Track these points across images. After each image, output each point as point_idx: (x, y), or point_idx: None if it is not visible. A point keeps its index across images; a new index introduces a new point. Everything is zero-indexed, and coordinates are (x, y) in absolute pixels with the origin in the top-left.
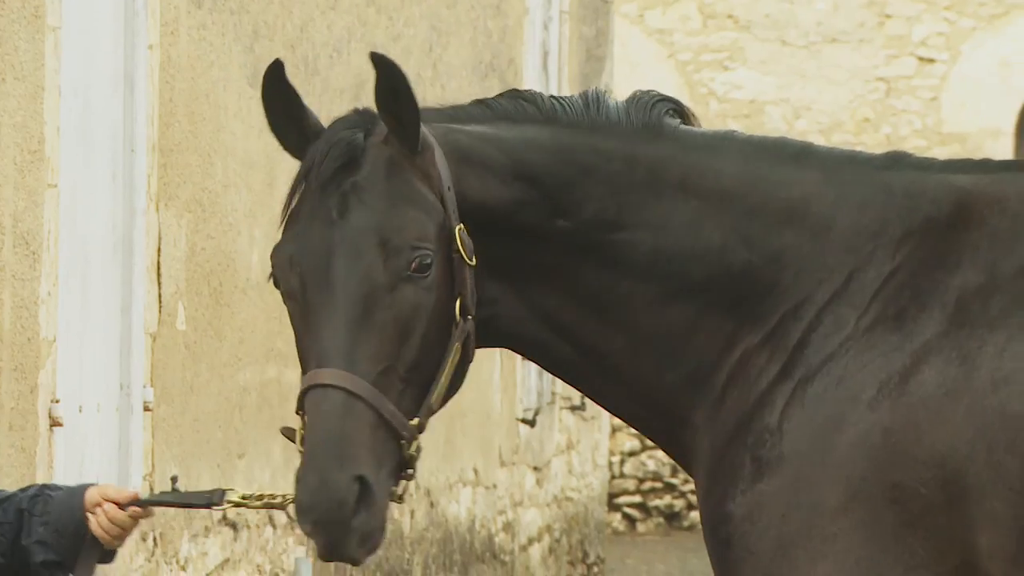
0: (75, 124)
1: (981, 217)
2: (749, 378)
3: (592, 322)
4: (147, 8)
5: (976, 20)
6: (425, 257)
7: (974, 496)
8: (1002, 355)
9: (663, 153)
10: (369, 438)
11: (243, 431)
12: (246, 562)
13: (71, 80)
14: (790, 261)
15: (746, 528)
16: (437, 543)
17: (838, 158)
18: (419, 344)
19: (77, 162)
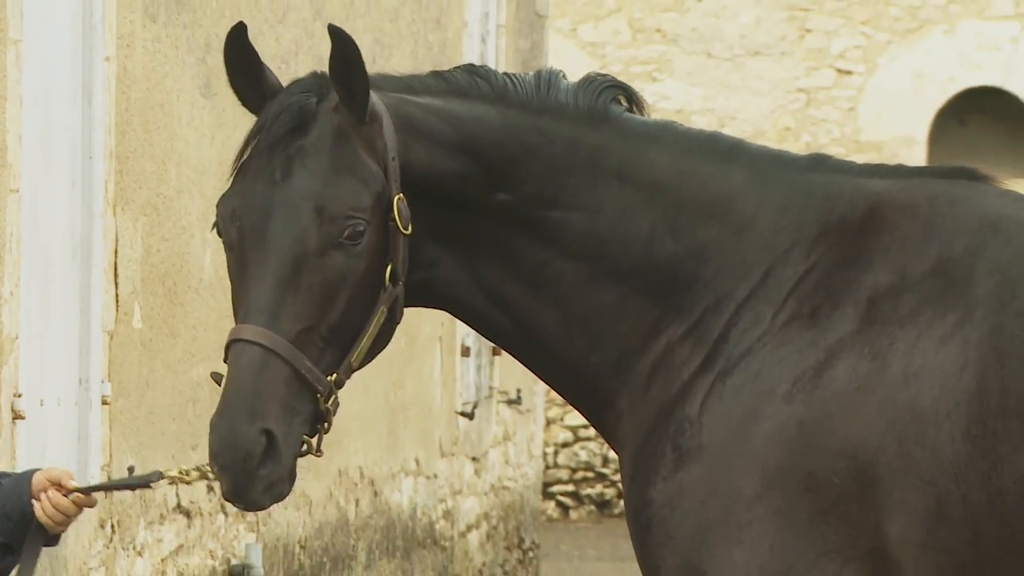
0: (36, 132)
1: (893, 221)
2: (672, 369)
3: (527, 296)
4: (104, 22)
5: (891, 34)
6: (358, 225)
7: (885, 486)
8: (912, 352)
9: (603, 140)
10: (282, 392)
11: (196, 423)
12: (199, 548)
13: (32, 90)
14: (713, 255)
15: (666, 514)
16: (381, 530)
17: (765, 157)
18: (344, 307)
19: (38, 168)
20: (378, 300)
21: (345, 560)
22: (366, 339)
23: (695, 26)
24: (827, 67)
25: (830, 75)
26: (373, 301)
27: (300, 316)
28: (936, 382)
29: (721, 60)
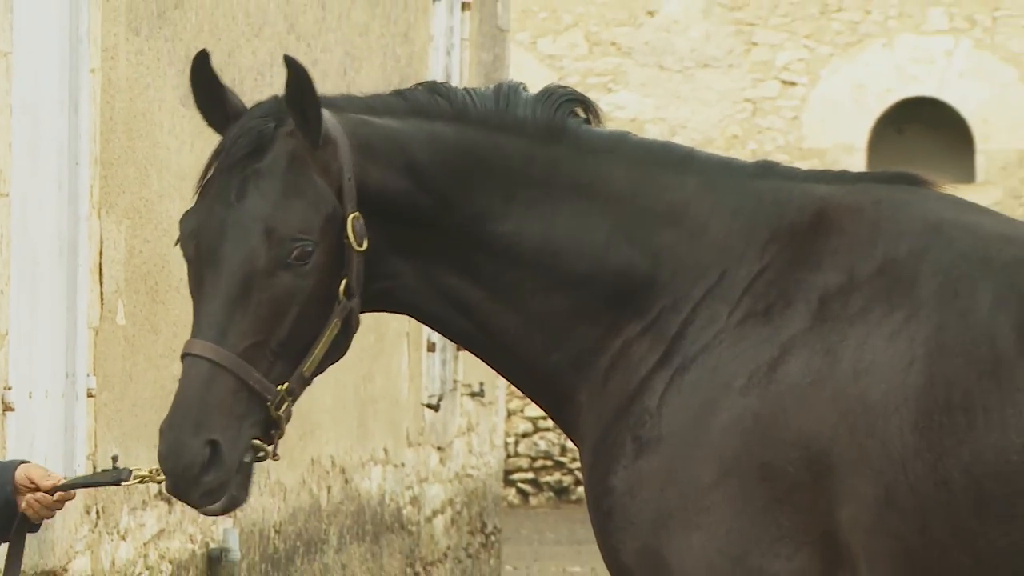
0: (25, 140)
1: (840, 224)
2: (630, 365)
3: (487, 301)
4: (89, 35)
5: (833, 47)
6: (306, 246)
7: (837, 475)
8: (862, 348)
9: (560, 153)
10: (229, 403)
11: None
12: (180, 532)
13: (21, 100)
14: (668, 259)
15: (627, 501)
16: (351, 515)
17: (716, 166)
18: (293, 322)
19: (26, 174)
20: (331, 313)
21: (317, 544)
22: (318, 350)
23: (648, 40)
24: (772, 79)
25: (775, 86)
26: (326, 315)
27: (248, 332)
28: (885, 377)
29: (672, 72)
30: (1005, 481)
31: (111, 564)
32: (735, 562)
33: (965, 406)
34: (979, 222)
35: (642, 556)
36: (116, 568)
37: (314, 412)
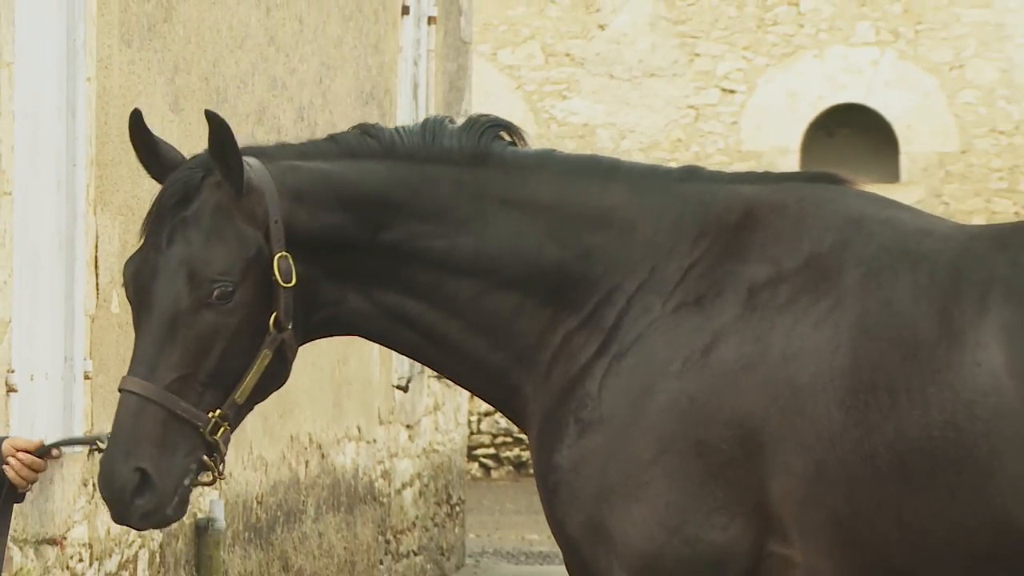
0: (26, 143)
1: (766, 220)
2: (571, 355)
3: (429, 312)
4: (85, 47)
5: (769, 58)
6: (226, 287)
7: (769, 451)
8: (791, 335)
9: (486, 174)
10: (158, 433)
11: None
12: None
13: (22, 107)
14: (600, 258)
15: (571, 477)
16: (327, 487)
17: (641, 172)
18: (219, 355)
19: (28, 174)
20: (261, 345)
21: (296, 514)
22: (249, 379)
23: (599, 51)
24: (713, 87)
25: (716, 94)
26: (255, 347)
27: (176, 365)
28: (813, 361)
29: (622, 81)
30: (928, 455)
31: (106, 532)
32: (673, 532)
33: (889, 386)
34: (898, 217)
35: (586, 528)
36: (111, 536)
37: (293, 392)
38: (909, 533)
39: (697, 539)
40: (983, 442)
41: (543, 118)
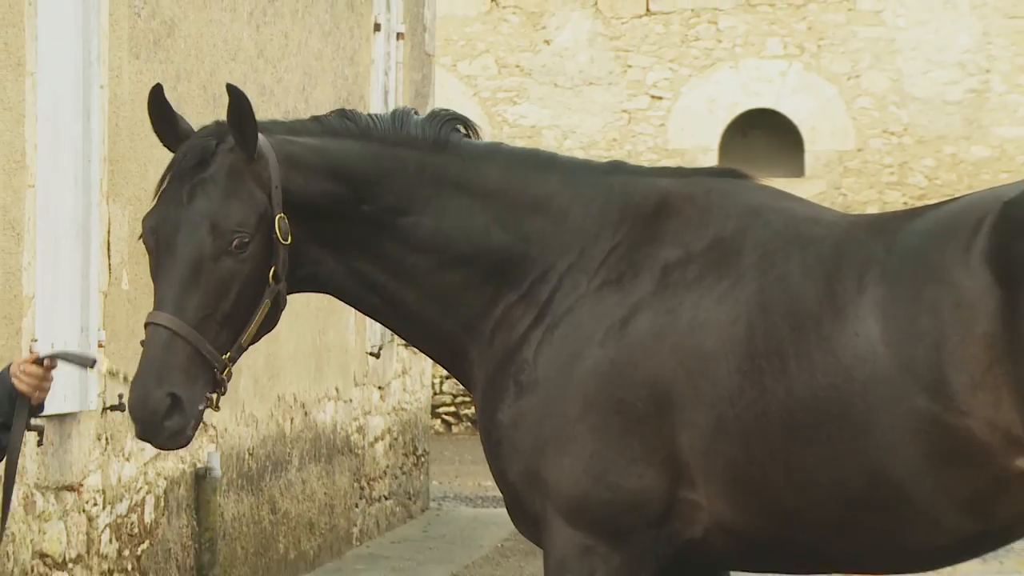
0: (47, 142)
1: (678, 209)
2: (511, 325)
3: (392, 282)
4: (99, 59)
5: (691, 69)
6: (244, 238)
7: (677, 409)
8: (697, 308)
9: (445, 161)
10: (185, 365)
11: None
12: (173, 455)
13: (44, 110)
14: (537, 240)
15: (511, 433)
16: (309, 441)
17: (574, 165)
18: (234, 300)
19: (48, 169)
20: (263, 294)
21: (282, 464)
22: (254, 325)
23: (545, 63)
24: (643, 94)
25: (646, 100)
26: (259, 295)
27: (200, 307)
28: (715, 331)
29: (564, 89)
30: (813, 412)
31: (117, 480)
32: (596, 480)
33: (780, 353)
34: (790, 207)
35: (524, 476)
36: (122, 483)
37: (280, 358)
38: (796, 479)
39: (617, 486)
40: (860, 401)
41: (497, 121)
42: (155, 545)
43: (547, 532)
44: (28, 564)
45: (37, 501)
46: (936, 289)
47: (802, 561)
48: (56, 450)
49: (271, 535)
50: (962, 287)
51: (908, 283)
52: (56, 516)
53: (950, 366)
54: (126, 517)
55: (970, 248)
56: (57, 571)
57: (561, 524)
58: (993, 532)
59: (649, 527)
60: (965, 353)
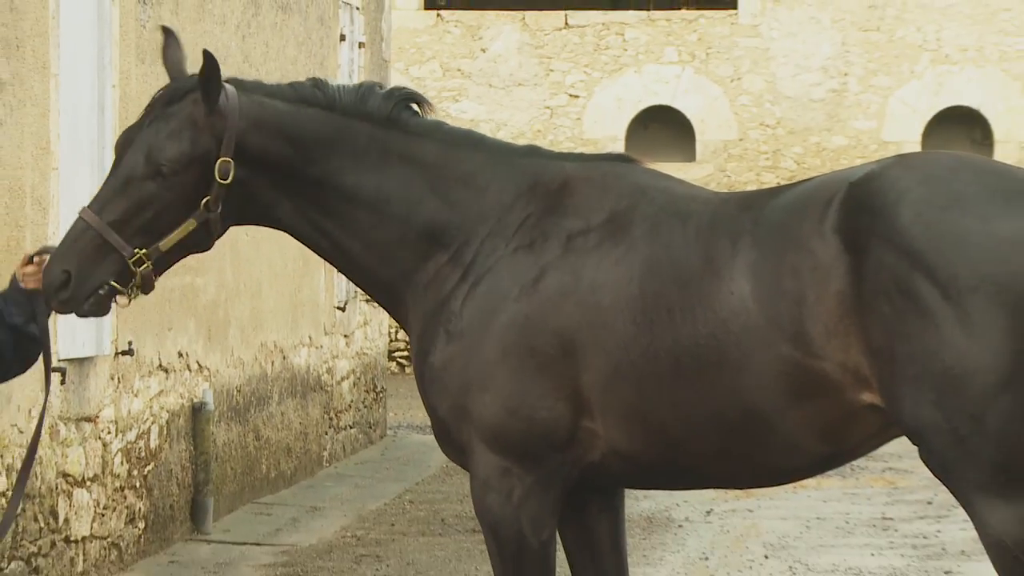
0: (69, 132)
1: (580, 188)
2: (441, 282)
3: (338, 230)
4: (111, 63)
5: (603, 73)
6: (169, 171)
7: (579, 354)
8: (597, 270)
9: (393, 134)
10: (89, 251)
11: (171, 315)
12: (174, 392)
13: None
14: (463, 209)
15: (441, 374)
16: (287, 380)
17: (497, 147)
18: (153, 215)
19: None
20: (189, 216)
21: (265, 399)
22: (174, 235)
23: (482, 67)
24: (563, 93)
25: (565, 98)
26: (184, 216)
27: (119, 211)
28: (612, 289)
29: (498, 88)
30: (695, 357)
31: (127, 413)
32: (513, 413)
33: (668, 308)
34: (671, 186)
35: (453, 411)
36: (131, 415)
37: (262, 312)
38: (680, 413)
39: (530, 417)
40: (734, 349)
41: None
42: (159, 466)
43: (473, 457)
44: (53, 482)
45: (61, 430)
46: (796, 255)
47: (685, 480)
48: (76, 388)
49: (255, 458)
50: (817, 254)
51: (773, 250)
52: (76, 443)
53: (808, 319)
54: (135, 443)
55: (823, 221)
56: (77, 488)
57: (484, 450)
58: (842, 453)
59: (557, 452)
60: (820, 308)
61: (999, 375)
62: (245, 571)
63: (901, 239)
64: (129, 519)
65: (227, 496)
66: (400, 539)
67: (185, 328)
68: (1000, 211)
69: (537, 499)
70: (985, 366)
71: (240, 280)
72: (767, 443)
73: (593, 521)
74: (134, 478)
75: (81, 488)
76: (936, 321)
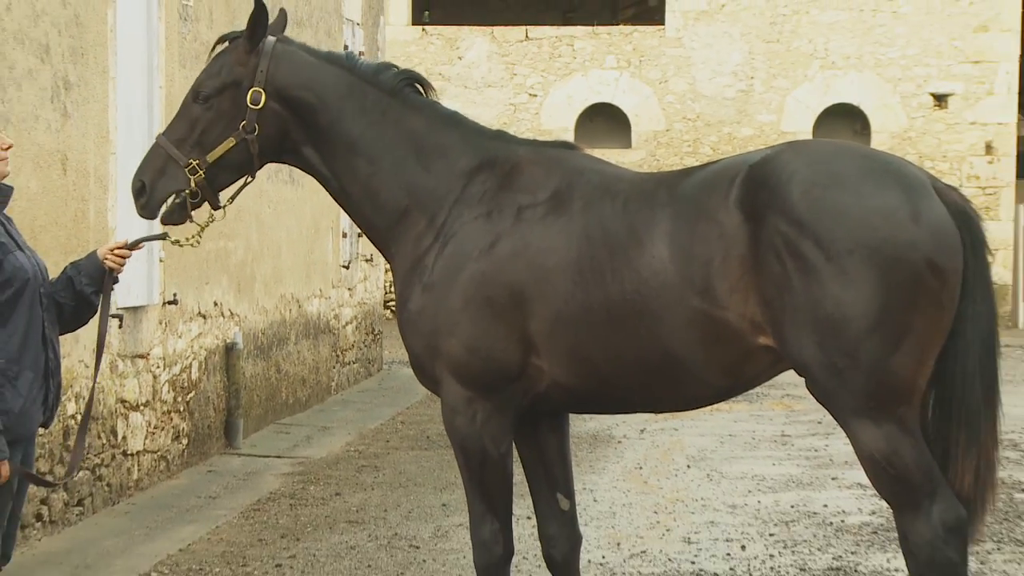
0: (124, 124)
1: (529, 168)
2: (418, 240)
3: (344, 174)
4: (158, 68)
5: (557, 76)
6: (210, 95)
7: (528, 305)
8: (543, 237)
9: (393, 103)
10: (158, 164)
11: (208, 272)
12: (210, 334)
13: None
14: (439, 178)
15: (417, 319)
16: (302, 325)
17: (472, 127)
18: (200, 132)
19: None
20: (228, 135)
21: (284, 340)
22: (218, 149)
23: (458, 72)
24: (524, 93)
25: (526, 97)
26: (225, 134)
27: (178, 131)
28: (555, 253)
29: (471, 89)
30: (622, 309)
31: (173, 351)
32: (474, 352)
33: (600, 269)
34: (603, 168)
35: (426, 350)
36: (176, 353)
37: (282, 270)
38: (610, 354)
39: (488, 356)
40: (655, 302)
41: None
42: (198, 394)
43: (443, 387)
44: (113, 407)
45: (119, 365)
46: (706, 225)
47: (615, 407)
48: (131, 331)
49: (276, 387)
50: (723, 223)
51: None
52: (132, 375)
53: (715, 277)
54: (179, 376)
55: (728, 196)
56: (133, 412)
57: (452, 382)
58: (742, 384)
59: (510, 383)
60: (725, 268)
61: (869, 321)
62: (269, 479)
63: (791, 211)
64: (174, 437)
65: (254, 418)
66: (393, 452)
67: (219, 282)
68: (871, 189)
69: (496, 421)
70: (858, 313)
71: (264, 244)
72: (681, 378)
73: (543, 439)
74: (178, 404)
75: (136, 412)
76: (820, 278)
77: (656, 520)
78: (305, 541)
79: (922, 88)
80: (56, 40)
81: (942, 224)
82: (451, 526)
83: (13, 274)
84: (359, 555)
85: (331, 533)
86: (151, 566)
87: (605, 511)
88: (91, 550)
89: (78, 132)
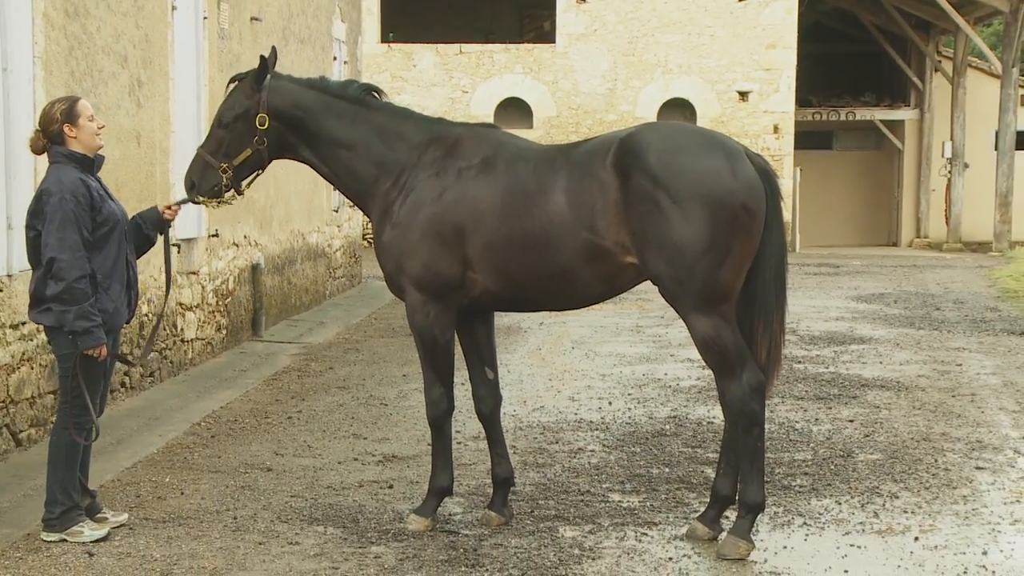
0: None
1: (465, 142)
2: (387, 195)
3: (332, 162)
4: (203, 72)
5: (481, 79)
6: (230, 122)
7: (467, 236)
8: (477, 190)
9: (360, 109)
10: (202, 167)
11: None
12: (240, 258)
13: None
14: (399, 152)
15: (388, 247)
16: (304, 251)
17: (420, 117)
18: (227, 144)
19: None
20: (246, 147)
21: (291, 262)
22: (241, 157)
23: (413, 76)
24: (460, 91)
25: (460, 93)
26: (244, 147)
27: (212, 146)
28: (486, 200)
29: (423, 88)
30: (533, 240)
31: (215, 269)
32: (428, 268)
33: (517, 212)
34: (518, 142)
35: (395, 268)
36: (217, 271)
37: (291, 211)
38: (523, 268)
39: (438, 271)
40: (555, 234)
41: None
42: (233, 299)
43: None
44: (175, 307)
45: (179, 279)
46: (591, 181)
47: (527, 307)
48: (186, 255)
49: (288, 295)
50: (603, 179)
51: (578, 177)
52: (187, 286)
53: (598, 217)
54: (220, 286)
55: (606, 160)
56: (188, 311)
57: (412, 290)
58: (615, 290)
59: (454, 291)
60: (604, 210)
61: (703, 246)
62: (283, 358)
63: (649, 170)
64: (216, 329)
65: (272, 316)
66: (370, 339)
67: (248, 221)
68: (704, 154)
69: (443, 317)
70: (695, 240)
71: (278, 194)
72: (572, 286)
73: (477, 329)
74: (220, 306)
75: (190, 311)
76: (669, 216)
77: (551, 385)
78: (308, 401)
79: (731, 87)
80: (132, 52)
81: (752, 179)
82: (410, 390)
83: (108, 216)
84: (345, 410)
85: (326, 395)
86: (201, 418)
87: (515, 379)
88: (159, 407)
89: (147, 117)
